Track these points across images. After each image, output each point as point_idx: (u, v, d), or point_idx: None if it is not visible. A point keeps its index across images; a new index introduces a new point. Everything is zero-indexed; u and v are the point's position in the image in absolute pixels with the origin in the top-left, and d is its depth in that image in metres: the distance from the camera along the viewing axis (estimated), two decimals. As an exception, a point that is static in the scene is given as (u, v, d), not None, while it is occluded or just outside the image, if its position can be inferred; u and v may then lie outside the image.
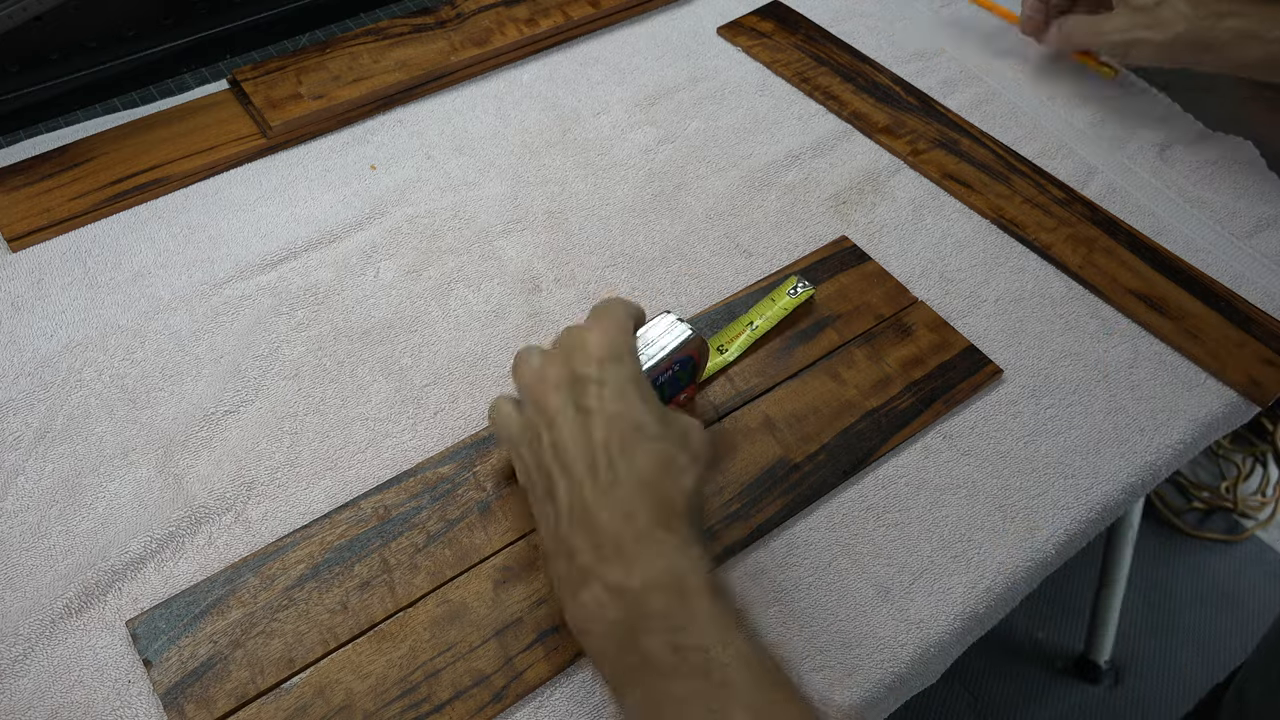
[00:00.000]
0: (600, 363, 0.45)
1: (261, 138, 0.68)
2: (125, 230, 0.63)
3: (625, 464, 0.42)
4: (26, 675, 0.46)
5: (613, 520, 0.41)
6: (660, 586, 0.40)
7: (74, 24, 0.69)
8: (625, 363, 0.45)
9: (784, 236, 0.66)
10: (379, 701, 0.45)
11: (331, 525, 0.51)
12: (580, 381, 0.45)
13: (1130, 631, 1.26)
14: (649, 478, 0.42)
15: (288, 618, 0.48)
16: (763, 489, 0.54)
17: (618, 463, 0.42)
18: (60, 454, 0.53)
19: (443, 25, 0.76)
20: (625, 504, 0.41)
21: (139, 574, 0.49)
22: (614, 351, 0.45)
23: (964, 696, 1.20)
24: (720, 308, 0.62)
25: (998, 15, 0.83)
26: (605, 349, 0.45)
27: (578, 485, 0.43)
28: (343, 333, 0.59)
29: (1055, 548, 0.54)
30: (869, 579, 0.51)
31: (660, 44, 0.79)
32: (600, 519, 0.42)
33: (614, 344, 0.46)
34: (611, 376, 0.45)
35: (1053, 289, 0.65)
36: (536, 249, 0.65)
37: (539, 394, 0.46)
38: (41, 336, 0.58)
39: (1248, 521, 1.40)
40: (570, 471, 0.43)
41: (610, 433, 0.43)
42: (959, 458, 0.56)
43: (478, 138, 0.71)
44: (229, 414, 0.55)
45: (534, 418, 0.46)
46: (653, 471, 0.43)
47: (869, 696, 0.48)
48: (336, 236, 0.64)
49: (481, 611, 0.48)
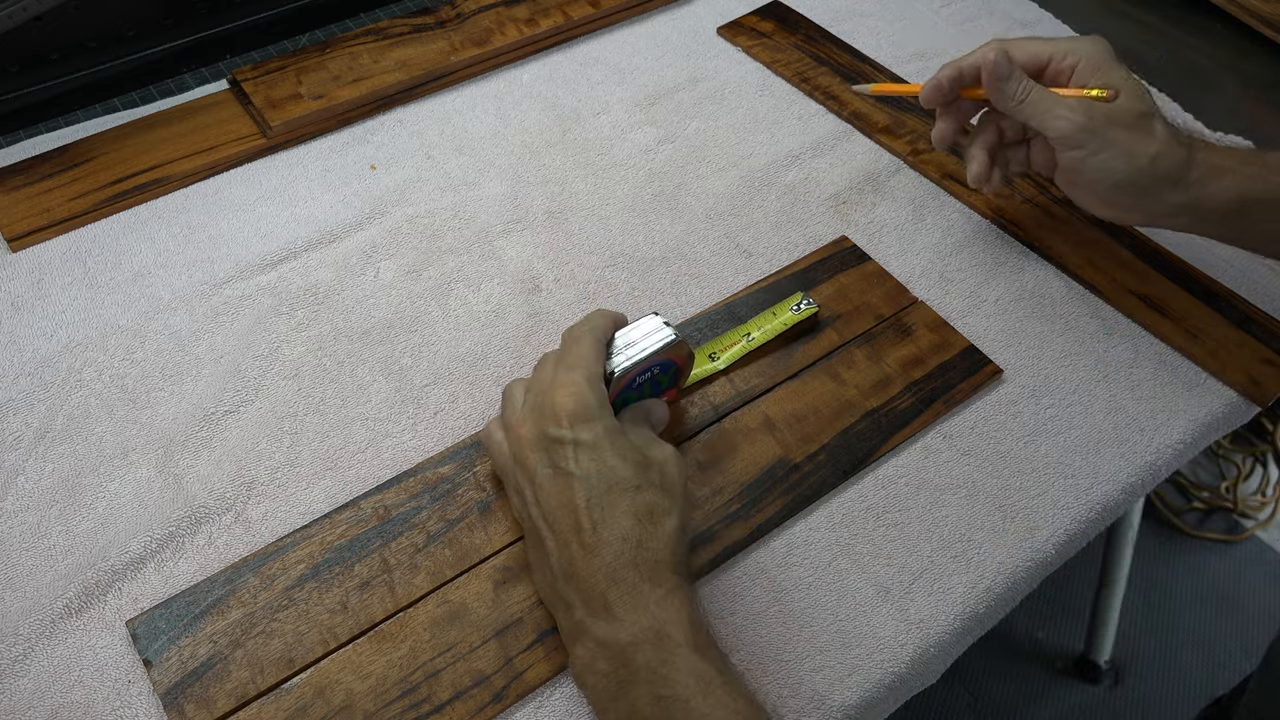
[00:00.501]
0: (571, 422, 0.45)
1: (261, 138, 0.68)
2: (125, 230, 0.63)
3: (607, 525, 0.44)
4: (26, 675, 0.46)
5: (600, 580, 0.43)
6: (644, 641, 0.42)
7: (74, 24, 0.69)
8: (595, 418, 0.46)
9: (784, 236, 0.66)
10: (379, 702, 0.45)
11: (331, 525, 0.51)
12: (554, 443, 0.45)
13: (1130, 631, 1.26)
14: (631, 534, 0.44)
15: (288, 618, 0.48)
16: (763, 489, 0.54)
17: (600, 526, 0.44)
18: (60, 454, 0.53)
19: (443, 25, 0.76)
20: (611, 564, 0.43)
21: (139, 574, 0.49)
22: (583, 409, 0.46)
23: (964, 696, 1.20)
24: (720, 308, 0.62)
25: (901, 93, 0.69)
26: (573, 406, 0.46)
27: (564, 545, 0.44)
28: (343, 333, 0.59)
29: (1055, 548, 0.54)
30: (869, 579, 0.51)
31: (660, 44, 0.79)
32: (589, 579, 0.43)
33: (581, 400, 0.46)
34: (585, 436, 0.45)
35: (1053, 289, 0.65)
36: (536, 249, 0.65)
37: (516, 448, 0.47)
38: (41, 336, 0.58)
39: (1248, 521, 1.40)
40: (556, 531, 0.45)
41: (590, 494, 0.44)
42: (959, 458, 0.56)
43: (478, 138, 0.71)
44: (229, 414, 0.55)
45: (517, 469, 0.47)
46: (634, 528, 0.44)
47: (869, 696, 0.48)
48: (336, 236, 0.64)
49: (481, 612, 0.48)
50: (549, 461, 0.46)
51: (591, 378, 0.47)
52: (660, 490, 0.46)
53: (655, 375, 0.52)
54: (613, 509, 0.44)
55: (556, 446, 0.45)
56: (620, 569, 0.43)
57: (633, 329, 0.51)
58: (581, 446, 0.45)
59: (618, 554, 0.43)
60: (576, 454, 0.45)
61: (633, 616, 0.42)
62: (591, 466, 0.45)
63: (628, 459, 0.45)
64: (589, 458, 0.45)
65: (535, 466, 0.46)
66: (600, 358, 0.49)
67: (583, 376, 0.47)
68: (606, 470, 0.45)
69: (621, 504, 0.44)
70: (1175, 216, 0.57)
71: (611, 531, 0.43)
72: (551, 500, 0.45)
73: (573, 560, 0.44)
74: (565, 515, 0.44)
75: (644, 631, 0.42)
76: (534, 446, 0.46)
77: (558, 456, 0.45)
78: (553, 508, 0.45)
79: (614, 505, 0.44)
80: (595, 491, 0.44)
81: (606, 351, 0.50)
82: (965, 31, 0.83)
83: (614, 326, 0.50)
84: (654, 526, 0.44)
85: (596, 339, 0.49)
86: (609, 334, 0.50)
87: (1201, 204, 0.56)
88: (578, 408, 0.46)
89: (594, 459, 0.45)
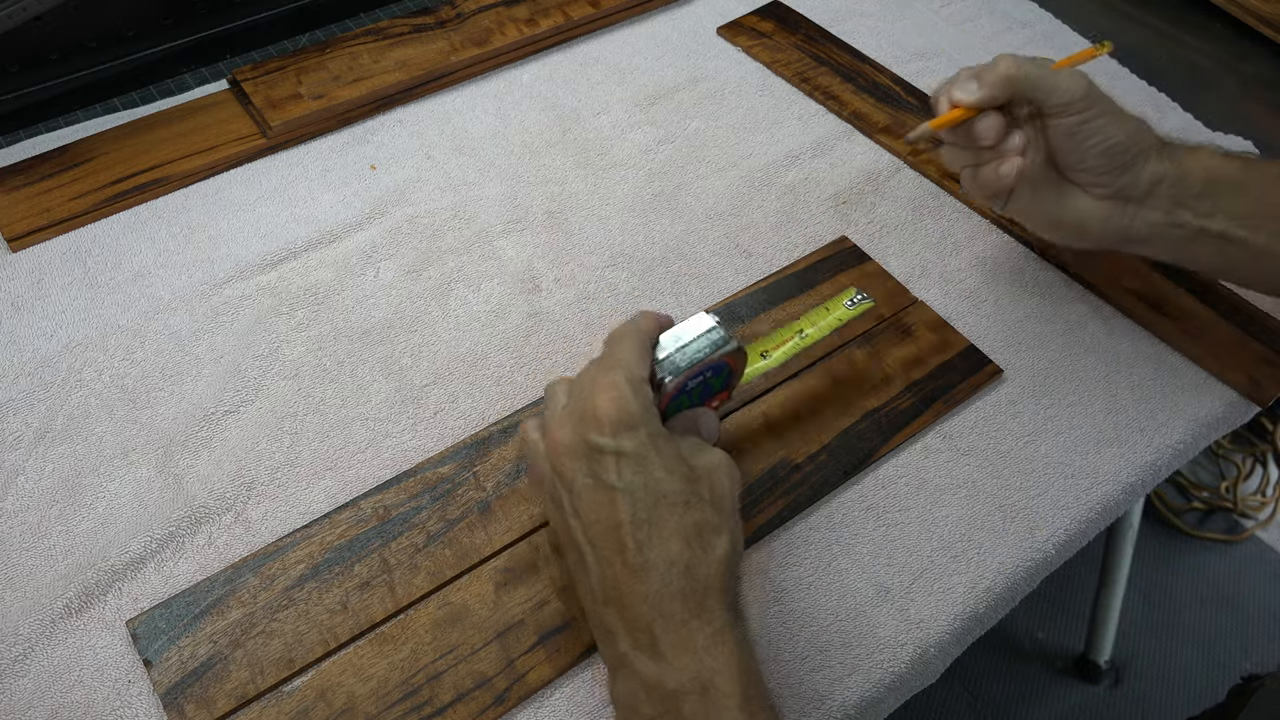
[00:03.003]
0: (614, 431, 0.42)
1: (261, 138, 0.68)
2: (125, 230, 0.63)
3: (653, 547, 0.41)
4: (26, 675, 0.46)
5: (645, 611, 0.40)
6: (692, 692, 0.39)
7: (74, 24, 0.69)
8: (639, 425, 0.43)
9: (784, 236, 0.66)
10: (381, 704, 0.45)
11: (331, 525, 0.51)
12: (595, 452, 0.42)
13: (1130, 631, 1.26)
14: (680, 558, 0.41)
15: (287, 618, 0.48)
16: (764, 489, 0.54)
17: (646, 546, 0.41)
18: (60, 454, 0.53)
19: (443, 25, 0.76)
20: (658, 592, 0.40)
21: (139, 574, 0.49)
22: (625, 415, 0.42)
23: (964, 696, 1.20)
24: (720, 308, 0.62)
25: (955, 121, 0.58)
26: (614, 411, 0.42)
27: (607, 564, 0.42)
28: (343, 333, 0.59)
29: (1055, 548, 0.54)
30: (869, 579, 0.51)
31: (660, 44, 0.79)
32: (633, 607, 0.41)
33: (623, 405, 0.43)
34: (628, 445, 0.42)
35: (1053, 289, 0.65)
36: (536, 249, 0.65)
37: (555, 455, 0.44)
38: (41, 336, 0.58)
39: (1248, 521, 1.40)
40: (597, 548, 0.42)
41: (635, 510, 0.41)
42: (959, 458, 0.56)
43: (478, 138, 0.71)
44: (229, 414, 0.55)
45: (554, 478, 0.44)
46: (683, 551, 0.41)
47: (869, 696, 0.48)
48: (336, 236, 0.64)
49: (483, 613, 0.48)
50: (589, 471, 0.42)
51: (634, 380, 0.44)
52: (710, 506, 0.43)
53: (708, 379, 0.48)
54: (660, 528, 0.41)
55: (597, 456, 0.42)
56: (667, 599, 0.40)
57: (683, 328, 0.47)
58: (625, 457, 0.42)
59: (665, 581, 0.40)
60: (619, 465, 0.42)
61: (680, 660, 0.40)
62: (636, 480, 0.42)
63: (675, 471, 0.43)
64: (632, 469, 0.42)
65: (574, 476, 0.43)
66: (644, 359, 0.45)
67: (624, 378, 0.43)
68: (652, 484, 0.42)
69: (669, 522, 0.41)
70: (1155, 199, 0.56)
71: (658, 554, 0.41)
72: (592, 514, 0.42)
73: (616, 582, 0.41)
74: (608, 532, 0.42)
75: (692, 681, 0.40)
76: (573, 454, 0.43)
77: (599, 467, 0.42)
78: (593, 522, 0.42)
79: (661, 524, 0.41)
80: (640, 507, 0.41)
81: (653, 353, 0.47)
82: (965, 31, 0.83)
83: (659, 328, 0.47)
84: (704, 550, 0.42)
85: (640, 340, 0.46)
86: (654, 335, 0.47)
87: (1182, 178, 0.55)
88: (619, 413, 0.42)
89: (638, 471, 0.42)
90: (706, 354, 0.47)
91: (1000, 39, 0.82)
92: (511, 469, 0.54)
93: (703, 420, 0.48)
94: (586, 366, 0.46)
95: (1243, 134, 0.75)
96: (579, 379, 0.46)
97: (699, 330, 0.47)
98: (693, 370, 0.46)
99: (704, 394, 0.49)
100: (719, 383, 0.49)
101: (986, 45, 0.81)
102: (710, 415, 0.49)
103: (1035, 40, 0.82)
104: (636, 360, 0.45)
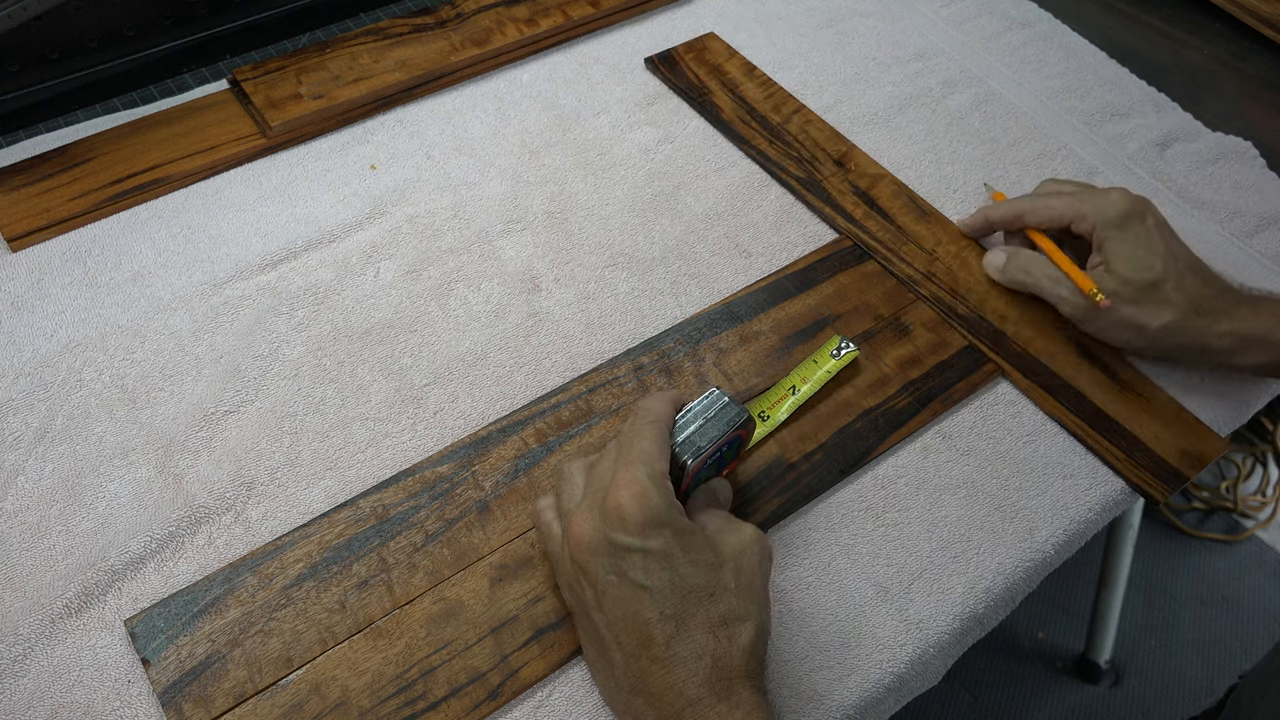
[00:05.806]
0: (640, 531, 0.42)
1: (261, 138, 0.68)
2: (125, 230, 0.63)
3: (681, 641, 0.41)
4: (26, 675, 0.46)
5: (673, 699, 0.41)
6: None
7: (74, 24, 0.70)
8: (664, 523, 0.43)
9: (784, 236, 0.67)
10: (375, 698, 0.45)
11: (330, 524, 0.51)
12: (620, 551, 0.42)
13: (1130, 631, 1.26)
14: (706, 649, 0.41)
15: (286, 617, 0.48)
16: (759, 487, 0.54)
17: (674, 641, 0.41)
18: (60, 454, 0.53)
19: (443, 25, 0.76)
20: (685, 681, 0.41)
21: (139, 574, 0.49)
22: (650, 514, 0.42)
23: (964, 697, 1.20)
24: (720, 307, 0.62)
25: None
26: (641, 513, 0.42)
27: (633, 658, 0.42)
28: (343, 333, 0.59)
29: (1055, 548, 0.54)
30: (868, 579, 0.51)
31: (660, 44, 0.79)
32: (661, 695, 0.41)
33: (647, 504, 0.43)
34: (654, 545, 0.42)
35: (1052, 289, 0.65)
36: (536, 249, 0.65)
37: (576, 549, 0.44)
38: (41, 336, 0.58)
39: (1248, 521, 1.40)
40: (623, 644, 0.42)
41: (663, 608, 0.42)
42: (959, 458, 0.56)
43: (478, 138, 0.71)
44: (229, 414, 0.55)
45: (575, 570, 0.44)
46: (709, 642, 0.42)
47: (868, 696, 0.48)
48: (336, 236, 0.64)
49: (477, 609, 0.49)
50: (614, 569, 0.42)
51: (655, 476, 0.44)
52: (736, 593, 0.43)
53: (723, 453, 0.50)
54: (686, 623, 0.42)
55: (624, 554, 0.42)
56: (694, 688, 0.41)
57: (697, 406, 0.49)
58: (651, 555, 0.42)
59: (691, 671, 0.41)
60: (646, 564, 0.42)
61: None
62: (664, 577, 0.42)
63: (700, 563, 0.43)
64: (660, 567, 0.42)
65: (598, 572, 0.43)
66: (665, 451, 0.46)
67: (646, 474, 0.43)
68: (679, 580, 0.42)
69: (696, 616, 0.42)
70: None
71: (686, 648, 0.41)
72: (617, 609, 0.42)
73: (644, 674, 0.42)
74: (634, 629, 0.42)
75: None
76: (595, 551, 0.43)
77: (625, 565, 0.42)
78: (618, 618, 0.42)
79: (688, 618, 0.42)
80: (668, 605, 0.42)
81: (672, 437, 0.47)
82: (965, 31, 0.83)
83: (675, 410, 0.48)
84: (730, 640, 0.42)
85: (659, 430, 0.46)
86: (671, 421, 0.47)
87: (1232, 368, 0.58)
88: (643, 512, 0.42)
89: (665, 568, 0.42)
90: (724, 431, 0.48)
91: (1000, 39, 0.82)
92: (510, 469, 0.54)
93: (719, 490, 0.50)
94: (605, 451, 0.47)
95: (1243, 134, 0.75)
96: (597, 468, 0.46)
97: (714, 408, 0.49)
98: (712, 449, 0.48)
99: (718, 467, 0.51)
100: (732, 453, 0.51)
101: (986, 45, 0.81)
102: (725, 484, 0.51)
103: (1035, 40, 0.82)
104: (658, 453, 0.45)
